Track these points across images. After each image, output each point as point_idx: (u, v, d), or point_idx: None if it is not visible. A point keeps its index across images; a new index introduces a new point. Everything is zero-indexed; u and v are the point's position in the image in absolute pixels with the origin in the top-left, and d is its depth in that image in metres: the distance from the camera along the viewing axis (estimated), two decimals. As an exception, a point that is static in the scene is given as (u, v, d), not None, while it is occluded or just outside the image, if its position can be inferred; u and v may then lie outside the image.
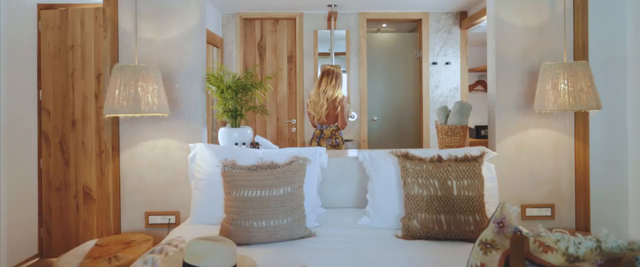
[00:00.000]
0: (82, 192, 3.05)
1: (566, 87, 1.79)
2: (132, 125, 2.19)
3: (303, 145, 4.03)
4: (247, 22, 4.10)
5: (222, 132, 2.39)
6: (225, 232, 1.66)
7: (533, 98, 2.12)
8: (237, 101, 2.40)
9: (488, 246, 1.10)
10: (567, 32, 2.12)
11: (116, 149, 2.20)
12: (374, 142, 4.19)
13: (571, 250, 1.02)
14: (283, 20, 4.11)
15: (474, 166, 1.76)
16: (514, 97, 2.17)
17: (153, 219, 2.22)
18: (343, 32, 3.99)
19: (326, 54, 4.00)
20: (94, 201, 3.05)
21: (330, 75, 3.01)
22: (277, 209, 1.68)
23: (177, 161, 2.20)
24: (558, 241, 1.04)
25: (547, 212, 2.19)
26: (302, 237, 1.71)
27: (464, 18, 3.88)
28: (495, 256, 1.06)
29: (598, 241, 1.01)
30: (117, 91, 1.78)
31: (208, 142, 2.38)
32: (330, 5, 3.74)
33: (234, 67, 3.96)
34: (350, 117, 2.87)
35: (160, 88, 1.91)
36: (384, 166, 1.94)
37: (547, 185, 2.19)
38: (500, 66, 2.16)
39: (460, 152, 1.88)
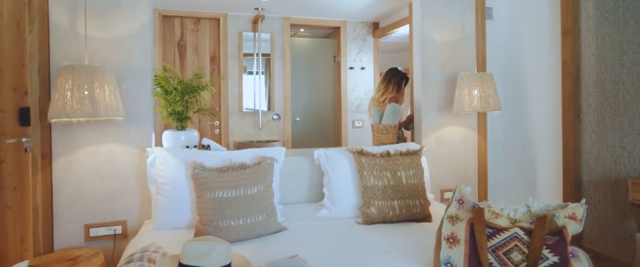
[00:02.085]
0: (-25, 210, 2.56)
1: (478, 93, 2.27)
2: (68, 130, 1.98)
3: (228, 147, 4.02)
4: (166, 19, 3.91)
5: (168, 136, 2.32)
6: (202, 234, 1.67)
7: (451, 101, 2.58)
8: (183, 103, 2.35)
9: (454, 218, 1.40)
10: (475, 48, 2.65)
11: (47, 157, 1.96)
12: (297, 142, 4.38)
13: (512, 215, 1.39)
14: (205, 20, 4.03)
15: (415, 159, 2.10)
16: (435, 100, 2.61)
17: (95, 232, 2.04)
18: (268, 35, 4.10)
19: (250, 54, 4.07)
20: (-7, 220, 2.59)
21: None
22: (252, 207, 1.75)
23: (124, 166, 2.07)
24: (503, 209, 1.39)
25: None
26: (276, 232, 1.82)
27: (376, 28, 4.36)
28: (462, 225, 1.37)
29: (528, 206, 1.39)
30: (69, 93, 1.62)
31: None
32: (257, 9, 3.82)
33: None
34: (274, 117, 2.92)
35: (115, 90, 1.80)
36: (339, 162, 2.15)
37: (459, 172, 2.69)
38: (425, 74, 2.58)
39: (403, 147, 2.21)
